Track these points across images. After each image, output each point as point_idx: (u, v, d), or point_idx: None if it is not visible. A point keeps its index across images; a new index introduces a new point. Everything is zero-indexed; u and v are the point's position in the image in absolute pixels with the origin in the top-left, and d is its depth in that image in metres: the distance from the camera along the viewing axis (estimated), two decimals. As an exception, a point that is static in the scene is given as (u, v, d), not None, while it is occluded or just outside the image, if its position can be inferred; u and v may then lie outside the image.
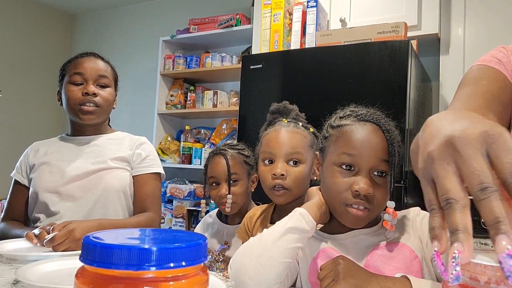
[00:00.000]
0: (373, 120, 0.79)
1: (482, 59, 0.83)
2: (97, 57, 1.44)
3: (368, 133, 0.78)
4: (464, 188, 0.39)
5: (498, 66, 0.81)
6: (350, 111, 0.83)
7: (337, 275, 0.68)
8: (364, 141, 0.77)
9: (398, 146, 0.81)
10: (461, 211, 0.37)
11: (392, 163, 0.77)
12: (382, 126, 0.78)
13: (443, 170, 0.40)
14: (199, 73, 3.36)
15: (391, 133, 0.78)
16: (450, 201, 0.38)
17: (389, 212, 0.76)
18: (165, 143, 3.43)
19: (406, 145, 1.82)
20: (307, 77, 2.06)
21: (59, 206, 1.32)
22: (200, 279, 0.43)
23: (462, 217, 0.37)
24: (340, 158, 0.78)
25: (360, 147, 0.77)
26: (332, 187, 0.79)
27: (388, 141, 0.77)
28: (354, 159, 0.77)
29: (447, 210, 0.38)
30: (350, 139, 0.78)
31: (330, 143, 0.82)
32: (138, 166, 1.42)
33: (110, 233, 0.45)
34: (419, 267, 0.77)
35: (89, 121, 1.39)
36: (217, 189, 1.28)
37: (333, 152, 0.80)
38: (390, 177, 0.78)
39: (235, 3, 3.47)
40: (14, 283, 0.79)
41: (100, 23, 4.35)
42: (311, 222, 0.77)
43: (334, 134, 0.82)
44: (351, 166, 0.78)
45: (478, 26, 2.22)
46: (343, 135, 0.80)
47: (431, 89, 2.43)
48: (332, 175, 0.80)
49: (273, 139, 1.04)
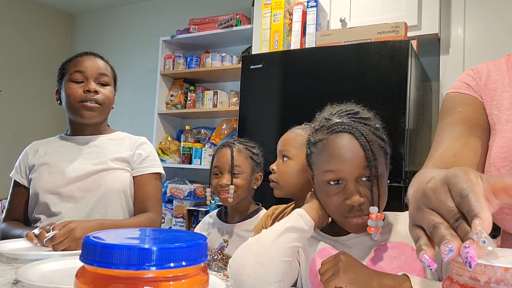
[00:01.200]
0: (344, 130, 0.79)
1: (453, 86, 0.89)
2: (97, 56, 1.44)
3: (344, 145, 0.78)
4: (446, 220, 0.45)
5: (468, 90, 0.86)
6: (325, 120, 0.84)
7: (338, 269, 0.69)
8: (341, 155, 0.78)
9: (379, 144, 0.81)
10: (446, 228, 0.44)
11: (373, 166, 0.77)
12: (355, 132, 0.78)
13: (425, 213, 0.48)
14: (199, 73, 3.36)
15: (365, 136, 0.78)
16: (436, 225, 0.44)
17: (372, 217, 0.76)
18: (165, 143, 3.43)
19: (406, 144, 1.82)
20: (307, 77, 2.06)
21: (59, 207, 1.32)
22: (200, 279, 0.43)
23: (448, 230, 0.43)
24: (325, 176, 0.80)
25: (339, 161, 0.78)
26: (327, 203, 0.81)
27: (364, 147, 0.77)
28: (338, 175, 0.78)
29: (434, 231, 0.44)
30: (328, 156, 0.79)
31: (313, 160, 0.84)
32: (139, 166, 1.42)
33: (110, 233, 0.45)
34: (421, 267, 0.77)
35: (90, 119, 1.38)
36: (218, 178, 1.31)
37: (318, 170, 0.82)
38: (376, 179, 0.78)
39: (235, 3, 3.47)
40: (14, 283, 0.79)
41: (100, 23, 4.35)
42: (309, 222, 0.79)
43: (314, 151, 0.83)
44: (338, 180, 0.79)
45: (478, 26, 2.22)
46: (321, 153, 0.81)
47: (431, 89, 2.43)
48: (324, 192, 0.81)
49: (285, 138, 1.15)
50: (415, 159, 1.95)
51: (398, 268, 0.76)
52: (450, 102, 0.88)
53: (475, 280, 0.38)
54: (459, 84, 0.88)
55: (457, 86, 0.88)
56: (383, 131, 0.84)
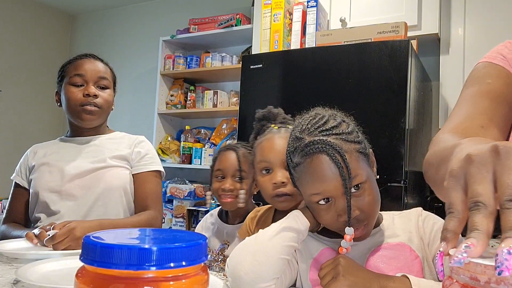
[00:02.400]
0: (318, 150, 0.74)
1: (488, 55, 0.81)
2: (97, 59, 1.44)
3: (321, 166, 0.74)
4: (496, 198, 0.38)
5: (502, 62, 0.79)
6: (297, 139, 0.79)
7: (337, 273, 0.70)
8: (321, 176, 0.75)
9: (356, 150, 0.76)
10: (487, 216, 0.37)
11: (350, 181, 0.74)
12: (328, 150, 0.74)
13: (481, 175, 0.40)
14: (199, 73, 3.36)
15: (339, 152, 0.74)
16: (479, 205, 0.38)
17: (346, 239, 0.75)
18: (165, 143, 3.43)
19: (406, 144, 1.82)
20: (307, 77, 2.05)
21: (59, 205, 1.33)
22: (200, 279, 0.43)
23: (486, 221, 0.37)
24: (312, 199, 0.78)
25: (321, 182, 0.75)
26: (322, 221, 0.80)
27: (337, 164, 0.73)
28: (324, 194, 0.76)
29: (473, 211, 0.38)
30: (310, 180, 0.77)
31: (297, 183, 0.82)
32: (138, 164, 1.42)
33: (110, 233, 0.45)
34: (420, 267, 0.77)
35: (90, 122, 1.39)
36: (221, 182, 1.27)
37: (304, 193, 0.80)
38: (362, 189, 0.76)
39: (235, 3, 3.47)
40: (15, 283, 0.79)
41: (100, 23, 4.35)
42: (305, 223, 0.79)
43: (294, 175, 0.81)
44: (327, 199, 0.77)
45: (478, 26, 2.22)
46: (302, 177, 0.78)
47: (431, 89, 2.43)
48: (316, 213, 0.80)
49: (267, 148, 1.01)
50: (415, 159, 1.95)
51: (397, 269, 0.76)
52: (480, 71, 0.80)
53: (475, 280, 0.38)
54: (494, 55, 0.81)
55: (491, 56, 0.81)
56: (357, 132, 0.80)
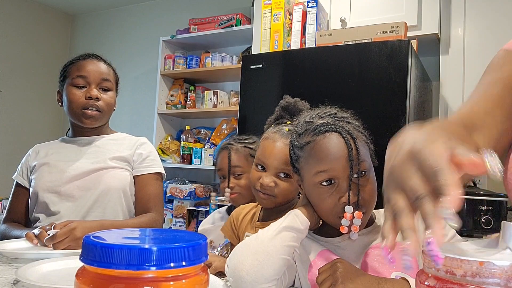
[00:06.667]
0: (331, 129, 0.78)
1: (509, 43, 0.78)
2: (100, 60, 1.43)
3: (333, 144, 0.77)
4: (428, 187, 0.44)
5: None
6: (307, 123, 0.82)
7: (336, 280, 0.69)
8: (331, 154, 0.77)
9: (364, 140, 0.81)
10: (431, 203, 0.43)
11: (357, 164, 0.76)
12: (341, 131, 0.77)
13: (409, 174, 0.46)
14: (199, 73, 3.36)
15: (350, 134, 0.78)
16: (421, 196, 0.43)
17: (346, 217, 0.76)
18: (165, 143, 3.43)
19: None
20: (307, 77, 2.05)
21: (58, 206, 1.32)
22: (201, 279, 0.43)
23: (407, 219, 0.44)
24: (317, 177, 0.78)
25: (330, 160, 0.77)
26: (321, 206, 0.80)
27: (348, 145, 0.76)
28: (330, 174, 0.77)
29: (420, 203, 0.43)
30: (318, 157, 0.78)
31: (301, 164, 0.82)
32: (139, 166, 1.42)
33: (111, 233, 0.45)
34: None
35: (91, 124, 1.39)
36: (223, 181, 1.30)
37: (309, 173, 0.80)
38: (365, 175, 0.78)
39: (235, 3, 3.47)
40: (15, 283, 0.79)
41: (100, 23, 4.35)
42: (305, 222, 0.79)
43: (301, 155, 0.82)
44: (331, 180, 0.78)
45: (478, 26, 2.22)
46: (310, 155, 0.79)
47: (431, 89, 2.43)
48: (317, 196, 0.80)
49: (269, 150, 1.01)
50: (415, 159, 1.94)
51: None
52: (499, 59, 0.77)
53: (451, 274, 0.39)
54: None
55: (511, 43, 0.77)
56: (363, 128, 0.84)
